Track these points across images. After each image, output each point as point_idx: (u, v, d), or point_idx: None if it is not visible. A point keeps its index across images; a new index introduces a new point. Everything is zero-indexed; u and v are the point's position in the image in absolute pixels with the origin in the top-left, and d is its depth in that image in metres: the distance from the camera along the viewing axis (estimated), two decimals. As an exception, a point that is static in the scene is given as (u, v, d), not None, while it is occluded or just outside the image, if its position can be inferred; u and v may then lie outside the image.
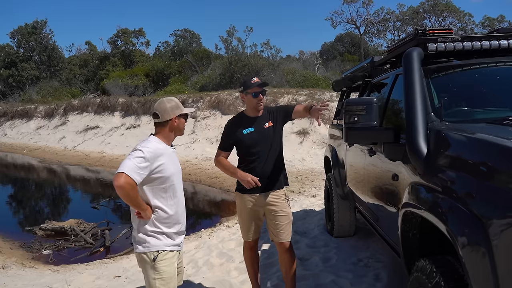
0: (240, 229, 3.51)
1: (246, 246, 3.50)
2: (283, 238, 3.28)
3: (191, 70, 28.26)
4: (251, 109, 3.26)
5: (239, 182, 3.25)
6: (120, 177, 2.27)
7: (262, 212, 3.32)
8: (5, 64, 36.58)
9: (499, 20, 33.56)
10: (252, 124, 3.25)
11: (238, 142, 3.25)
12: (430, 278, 1.94)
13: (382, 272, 3.93)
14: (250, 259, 3.53)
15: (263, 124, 3.26)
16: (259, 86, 3.18)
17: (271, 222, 3.30)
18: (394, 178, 2.71)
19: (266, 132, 3.25)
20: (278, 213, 3.27)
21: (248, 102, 3.24)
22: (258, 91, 3.18)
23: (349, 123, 2.70)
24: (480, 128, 2.26)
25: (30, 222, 8.05)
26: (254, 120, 3.26)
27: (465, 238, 1.67)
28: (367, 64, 4.49)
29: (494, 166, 1.72)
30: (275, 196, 3.27)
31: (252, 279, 3.59)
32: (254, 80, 3.19)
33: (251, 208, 3.28)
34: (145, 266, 2.48)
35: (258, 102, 3.20)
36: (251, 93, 3.17)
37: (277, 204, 3.27)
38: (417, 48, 2.90)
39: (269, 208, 3.27)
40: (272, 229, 3.31)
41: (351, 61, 30.03)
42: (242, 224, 3.42)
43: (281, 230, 3.27)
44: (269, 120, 3.29)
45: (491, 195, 1.64)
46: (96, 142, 17.55)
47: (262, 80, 3.26)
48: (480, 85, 2.93)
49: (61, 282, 4.73)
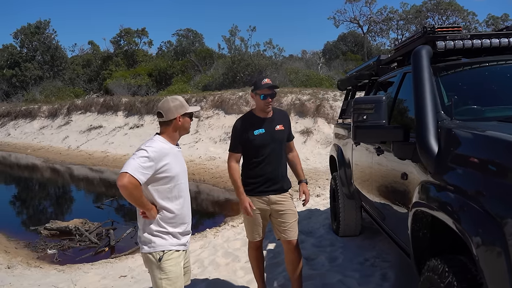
0: (245, 229, 3.49)
1: (251, 246, 3.48)
2: (291, 236, 3.27)
3: (194, 69, 28.26)
4: (260, 110, 3.23)
5: (246, 184, 3.25)
6: (124, 177, 2.26)
7: (268, 213, 3.30)
8: (9, 64, 36.67)
9: (503, 18, 33.40)
10: (263, 125, 3.20)
11: (248, 142, 3.20)
12: (443, 278, 1.92)
13: (389, 271, 3.91)
14: (256, 259, 3.51)
15: (274, 126, 3.23)
16: (269, 88, 3.15)
17: (277, 220, 3.28)
18: (403, 177, 2.68)
19: (277, 134, 3.23)
20: (285, 212, 3.25)
21: (257, 102, 3.21)
22: (267, 94, 3.13)
23: (358, 121, 2.68)
24: (492, 126, 2.24)
25: (35, 222, 8.07)
26: (265, 121, 3.22)
27: (479, 238, 1.65)
28: (374, 63, 4.46)
29: (507, 164, 1.70)
30: (282, 196, 3.27)
31: (258, 279, 3.57)
32: (264, 82, 3.15)
33: (258, 209, 3.25)
34: (151, 266, 2.47)
35: (266, 104, 3.16)
36: (260, 94, 3.14)
37: (284, 203, 3.26)
38: (426, 46, 2.88)
39: (276, 207, 3.25)
40: (279, 227, 3.29)
41: (354, 60, 29.95)
42: (248, 225, 3.39)
43: (289, 228, 3.26)
44: (281, 123, 3.27)
45: (506, 193, 1.62)
46: (99, 142, 17.58)
47: (273, 82, 3.21)
48: (490, 83, 2.91)
49: (67, 281, 4.73)
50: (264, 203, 3.24)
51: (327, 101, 14.01)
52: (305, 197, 3.44)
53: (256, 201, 3.24)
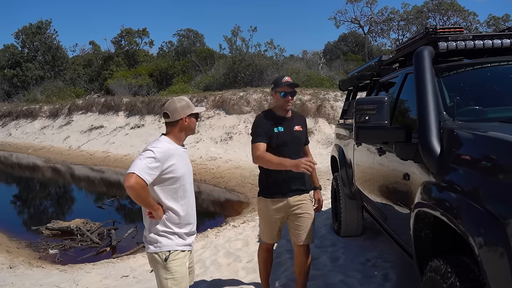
0: (260, 231, 3.44)
1: (262, 247, 3.44)
2: (304, 240, 3.21)
3: (195, 69, 28.27)
4: (279, 108, 3.19)
5: (264, 187, 3.21)
6: (131, 177, 2.26)
7: (286, 216, 3.23)
8: (10, 64, 36.69)
9: (504, 19, 33.39)
10: (282, 124, 3.15)
11: (269, 138, 3.12)
12: (445, 279, 1.92)
13: (391, 272, 3.91)
14: (264, 261, 3.47)
15: (293, 126, 3.20)
16: (289, 86, 3.11)
17: (294, 223, 3.21)
18: (405, 177, 2.69)
19: (295, 134, 3.20)
20: (302, 215, 3.19)
21: (277, 100, 3.18)
22: (288, 91, 3.10)
23: (360, 122, 2.68)
24: (494, 127, 2.25)
25: (36, 222, 8.08)
26: (284, 120, 3.17)
27: (482, 238, 1.65)
28: (375, 63, 4.47)
29: (509, 165, 1.71)
30: (301, 198, 3.20)
31: (263, 281, 3.55)
32: (285, 79, 3.12)
33: (275, 212, 3.19)
34: (157, 266, 2.48)
35: (286, 102, 3.13)
36: (280, 92, 3.12)
37: (302, 206, 3.19)
38: (428, 46, 2.88)
39: (294, 210, 3.18)
40: (293, 230, 3.23)
41: (354, 61, 29.95)
42: (264, 227, 3.33)
43: (303, 232, 3.19)
44: (299, 124, 3.25)
45: (508, 193, 1.63)
46: (100, 142, 17.60)
47: (293, 81, 3.17)
48: (492, 83, 2.91)
49: (68, 281, 4.74)
50: (282, 205, 3.17)
51: (328, 101, 14.02)
52: (318, 205, 3.44)
53: (275, 203, 3.17)
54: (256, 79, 20.12)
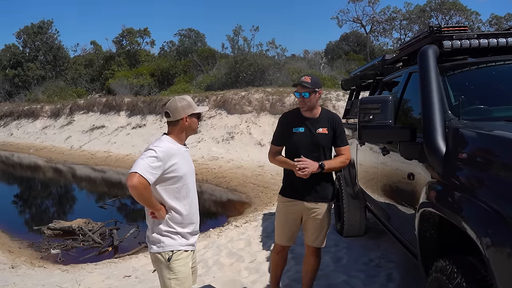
0: (275, 231, 3.36)
1: (276, 248, 3.36)
2: (316, 243, 3.18)
3: (197, 69, 28.25)
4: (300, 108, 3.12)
5: (283, 186, 3.18)
6: (133, 177, 2.25)
7: (301, 218, 3.17)
8: (11, 64, 36.73)
9: (506, 18, 33.28)
10: (304, 124, 3.05)
11: (286, 138, 3.09)
12: (451, 279, 1.90)
13: (395, 272, 3.89)
14: (276, 263, 3.40)
15: (317, 127, 3.05)
16: (302, 86, 2.98)
17: (308, 225, 3.16)
18: (409, 177, 2.67)
19: (317, 136, 3.04)
20: (317, 221, 3.13)
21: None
22: (300, 92, 3.00)
23: (364, 121, 2.67)
24: (500, 126, 2.23)
25: (38, 222, 8.08)
26: (308, 120, 3.06)
27: (489, 238, 1.64)
28: (378, 63, 4.45)
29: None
30: (318, 205, 3.11)
31: (273, 282, 3.50)
32: (302, 79, 3.01)
33: (291, 213, 3.15)
34: (160, 266, 2.46)
35: (299, 102, 3.06)
36: (295, 92, 3.06)
37: (318, 212, 3.11)
38: (432, 45, 2.87)
39: (310, 215, 3.12)
40: (307, 233, 3.20)
41: (356, 60, 29.88)
42: (279, 228, 3.26)
43: (315, 236, 3.16)
44: (326, 126, 3.06)
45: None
46: (102, 142, 17.60)
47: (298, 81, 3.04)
48: (497, 82, 2.89)
49: (71, 281, 4.73)
50: (298, 207, 3.11)
51: (329, 101, 13.99)
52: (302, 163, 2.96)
53: (291, 203, 3.13)
54: (257, 79, 20.09)
